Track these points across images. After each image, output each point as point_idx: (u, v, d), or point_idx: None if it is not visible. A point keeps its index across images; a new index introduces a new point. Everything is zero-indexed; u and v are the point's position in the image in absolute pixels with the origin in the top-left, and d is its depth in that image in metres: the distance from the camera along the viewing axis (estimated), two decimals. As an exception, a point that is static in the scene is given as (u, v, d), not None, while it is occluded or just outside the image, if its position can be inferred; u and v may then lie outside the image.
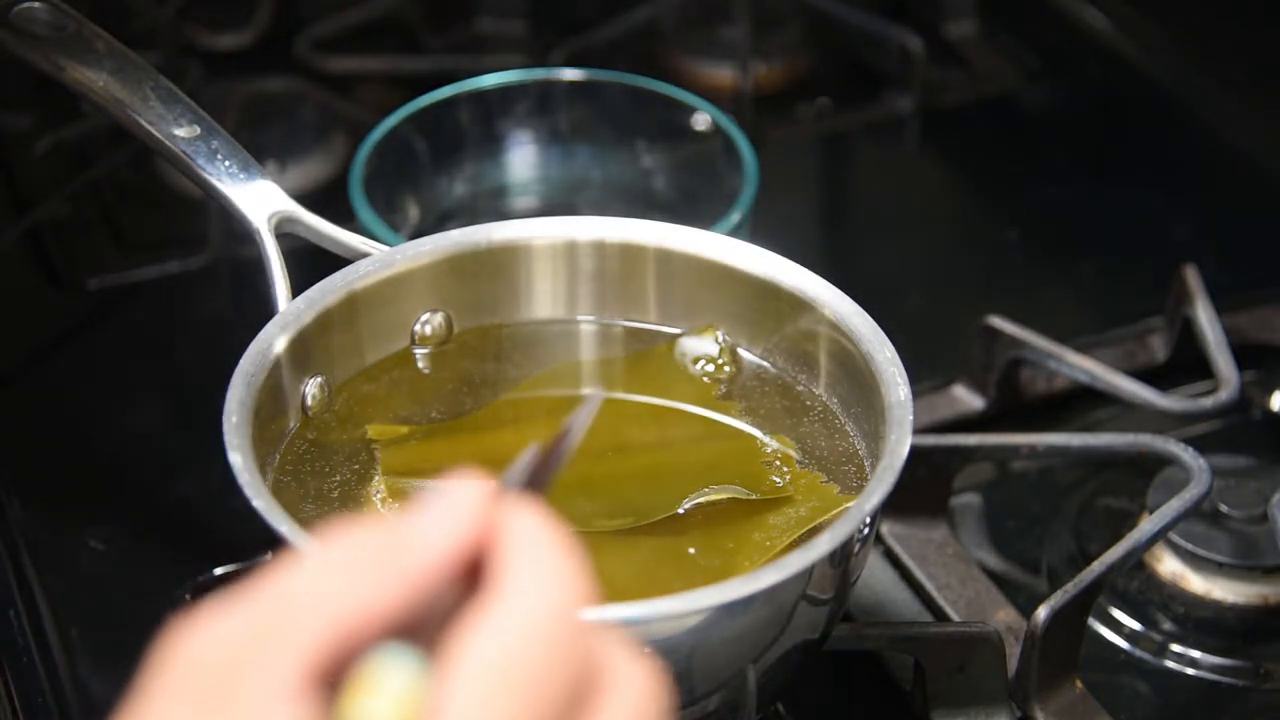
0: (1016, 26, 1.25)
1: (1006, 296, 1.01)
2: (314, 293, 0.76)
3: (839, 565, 0.69)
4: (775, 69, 1.20)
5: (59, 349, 1.01)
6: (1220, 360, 0.90)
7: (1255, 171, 1.15)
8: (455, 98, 0.99)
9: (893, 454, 0.69)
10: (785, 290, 0.78)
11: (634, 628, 0.65)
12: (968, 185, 1.17)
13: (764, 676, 0.69)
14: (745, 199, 0.92)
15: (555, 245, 0.80)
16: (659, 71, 1.10)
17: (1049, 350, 0.90)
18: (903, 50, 1.18)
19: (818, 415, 0.77)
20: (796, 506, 0.73)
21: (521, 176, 1.03)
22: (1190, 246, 1.04)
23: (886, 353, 0.74)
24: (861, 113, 1.20)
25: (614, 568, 0.71)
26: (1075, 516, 0.89)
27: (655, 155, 1.02)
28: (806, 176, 1.19)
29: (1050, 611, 0.76)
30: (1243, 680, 0.82)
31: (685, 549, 0.71)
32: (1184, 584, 0.84)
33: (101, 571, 0.85)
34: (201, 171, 0.79)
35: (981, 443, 0.86)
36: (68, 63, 0.82)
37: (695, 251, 0.80)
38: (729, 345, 0.80)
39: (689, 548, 0.71)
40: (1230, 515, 0.84)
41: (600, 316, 0.81)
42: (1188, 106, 1.19)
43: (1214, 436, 0.92)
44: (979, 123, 1.19)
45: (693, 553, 0.71)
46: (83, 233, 1.08)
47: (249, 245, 0.79)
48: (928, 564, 0.84)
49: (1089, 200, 1.12)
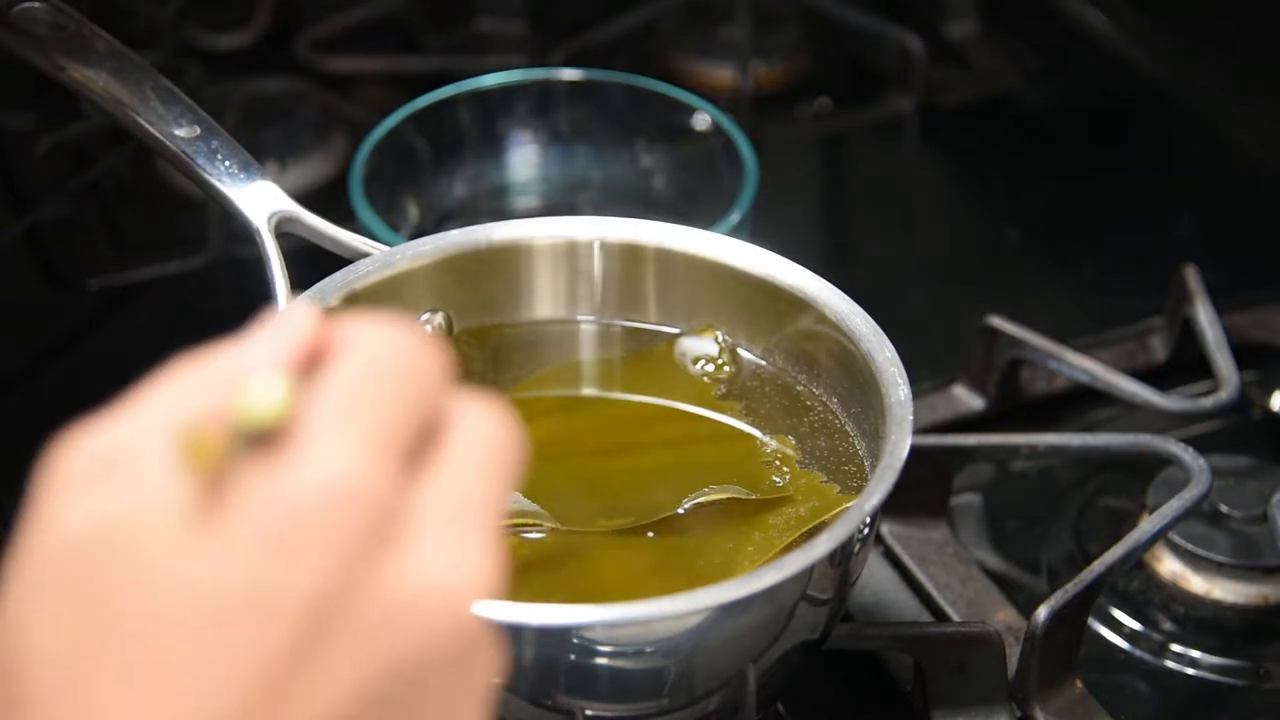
0: (1016, 26, 1.25)
1: (1006, 296, 1.01)
2: (314, 293, 0.76)
3: (839, 565, 0.69)
4: (775, 69, 1.20)
5: (59, 349, 1.01)
6: (1220, 360, 0.90)
7: (1255, 171, 1.15)
8: (455, 98, 0.99)
9: (893, 454, 0.69)
10: (785, 290, 0.78)
11: (634, 628, 0.65)
12: (968, 185, 1.17)
13: (764, 676, 0.69)
14: (745, 199, 0.92)
15: (555, 245, 0.80)
16: (659, 71, 1.10)
17: (1049, 350, 0.90)
18: (903, 50, 1.18)
19: (818, 415, 0.77)
20: (796, 506, 0.73)
21: (521, 176, 1.03)
22: (1190, 246, 1.04)
23: (886, 353, 0.74)
24: (861, 113, 1.20)
25: (614, 568, 0.71)
26: (1075, 516, 0.89)
27: (655, 155, 1.02)
28: (806, 176, 1.19)
29: (1050, 611, 0.76)
30: (1243, 680, 0.82)
31: (685, 549, 0.72)
32: (1184, 584, 0.84)
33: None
34: (201, 171, 0.79)
35: (981, 443, 0.86)
36: (68, 63, 0.82)
37: (695, 251, 0.80)
38: (729, 345, 0.80)
39: (689, 548, 0.72)
40: (1230, 515, 0.84)
41: (600, 316, 0.81)
42: (1188, 106, 1.19)
43: (1214, 436, 0.92)
44: (979, 123, 1.19)
45: (693, 553, 0.71)
46: (83, 233, 1.08)
47: (249, 245, 0.78)
48: (928, 564, 0.84)
49: (1089, 200, 1.12)
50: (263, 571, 0.40)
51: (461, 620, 0.42)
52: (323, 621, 0.40)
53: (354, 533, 0.41)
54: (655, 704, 0.68)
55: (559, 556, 0.72)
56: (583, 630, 0.65)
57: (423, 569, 0.42)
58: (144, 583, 0.40)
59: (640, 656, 0.67)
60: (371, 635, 0.41)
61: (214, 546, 0.41)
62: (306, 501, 0.41)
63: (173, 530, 0.41)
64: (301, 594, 0.40)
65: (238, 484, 0.42)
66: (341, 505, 0.41)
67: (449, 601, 0.42)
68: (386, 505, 0.42)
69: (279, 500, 0.41)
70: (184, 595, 0.40)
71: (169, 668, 0.40)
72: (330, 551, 0.41)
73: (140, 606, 0.40)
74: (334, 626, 0.41)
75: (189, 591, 0.40)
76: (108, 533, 0.41)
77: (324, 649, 0.40)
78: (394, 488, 0.42)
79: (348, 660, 0.41)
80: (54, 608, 0.41)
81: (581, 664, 0.66)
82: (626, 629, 0.65)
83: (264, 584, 0.40)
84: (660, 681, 0.67)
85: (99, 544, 0.41)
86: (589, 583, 0.71)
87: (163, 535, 0.41)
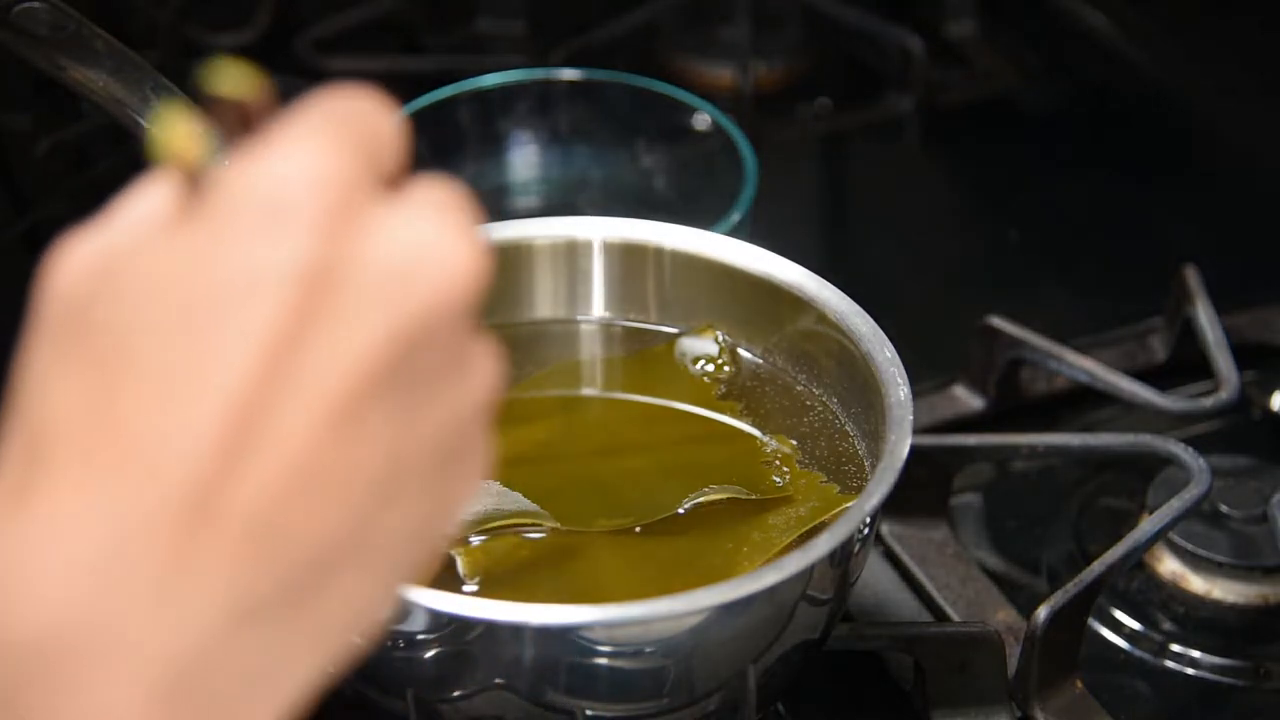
0: (1016, 26, 1.25)
1: (1006, 296, 1.01)
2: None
3: (839, 565, 0.69)
4: (775, 69, 1.20)
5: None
6: (1220, 360, 0.90)
7: (1255, 171, 1.15)
8: (455, 98, 0.99)
9: (893, 454, 0.69)
10: (785, 290, 0.78)
11: (634, 628, 0.65)
12: (968, 185, 1.17)
13: (764, 676, 0.69)
14: (745, 199, 0.91)
15: (555, 245, 0.80)
16: (659, 71, 1.10)
17: (1049, 350, 0.89)
18: (903, 50, 1.18)
19: (818, 415, 0.77)
20: (796, 506, 0.73)
21: (521, 176, 1.03)
22: (1190, 246, 1.04)
23: (886, 353, 0.74)
24: (861, 113, 1.20)
25: (614, 568, 0.71)
26: (1075, 516, 0.89)
27: (655, 155, 1.02)
28: (806, 176, 1.19)
29: (1050, 611, 0.75)
30: (1243, 680, 0.82)
31: (685, 549, 0.71)
32: (1184, 584, 0.84)
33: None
34: (201, 171, 0.79)
35: (981, 443, 0.86)
36: (68, 63, 0.82)
37: (695, 251, 0.80)
38: (729, 345, 0.80)
39: (689, 548, 0.71)
40: (1230, 515, 0.84)
41: (600, 316, 0.81)
42: (1188, 106, 1.19)
43: (1214, 436, 0.92)
44: (979, 123, 1.19)
45: (693, 553, 0.71)
46: (83, 233, 1.08)
47: (249, 245, 0.78)
48: (928, 564, 0.84)
49: (1089, 200, 1.12)
50: (250, 252, 0.41)
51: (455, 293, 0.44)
52: (317, 293, 0.41)
53: (335, 207, 0.42)
54: (655, 704, 0.68)
55: (559, 556, 0.72)
56: (583, 630, 0.65)
57: (409, 237, 0.43)
58: (140, 293, 0.42)
59: (640, 656, 0.67)
60: (367, 301, 0.42)
61: (199, 239, 0.42)
62: (283, 183, 0.42)
63: (158, 238, 0.42)
64: (291, 267, 0.41)
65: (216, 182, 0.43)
66: (319, 184, 0.42)
67: (441, 269, 0.43)
68: (363, 188, 0.43)
69: (257, 187, 0.42)
70: (178, 292, 0.41)
71: (178, 362, 0.41)
72: (314, 226, 0.42)
73: (141, 318, 0.42)
74: (329, 298, 0.42)
75: (182, 287, 0.41)
76: (100, 266, 0.42)
77: (324, 319, 0.42)
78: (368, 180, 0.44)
79: (347, 328, 0.42)
80: (63, 352, 0.42)
81: (581, 664, 0.66)
82: (626, 629, 0.65)
83: (253, 264, 0.41)
84: (660, 681, 0.67)
85: (94, 279, 0.42)
86: (589, 583, 0.71)
87: (149, 245, 0.42)
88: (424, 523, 0.45)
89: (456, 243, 0.44)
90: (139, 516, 0.41)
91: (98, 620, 0.40)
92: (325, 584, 0.43)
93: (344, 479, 0.42)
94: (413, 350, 0.43)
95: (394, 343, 0.42)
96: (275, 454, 0.41)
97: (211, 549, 0.41)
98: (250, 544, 0.41)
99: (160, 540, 0.41)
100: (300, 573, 0.42)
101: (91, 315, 0.42)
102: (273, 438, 0.41)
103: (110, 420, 0.41)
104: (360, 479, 0.42)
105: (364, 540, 0.43)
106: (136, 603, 0.40)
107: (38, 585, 0.40)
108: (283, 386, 0.41)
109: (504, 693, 0.66)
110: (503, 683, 0.66)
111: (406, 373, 0.43)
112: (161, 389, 0.41)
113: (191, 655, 0.41)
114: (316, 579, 0.42)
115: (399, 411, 0.43)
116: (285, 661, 0.43)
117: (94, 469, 0.41)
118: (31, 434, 0.42)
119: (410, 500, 0.44)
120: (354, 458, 0.42)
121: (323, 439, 0.42)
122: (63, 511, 0.41)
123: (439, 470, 0.45)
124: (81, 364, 0.42)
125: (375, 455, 0.43)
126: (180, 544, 0.41)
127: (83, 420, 0.41)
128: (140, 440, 0.41)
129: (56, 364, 0.42)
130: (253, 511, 0.41)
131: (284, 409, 0.41)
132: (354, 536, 0.43)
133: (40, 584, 0.40)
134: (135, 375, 0.41)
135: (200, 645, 0.41)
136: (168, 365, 0.41)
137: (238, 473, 0.41)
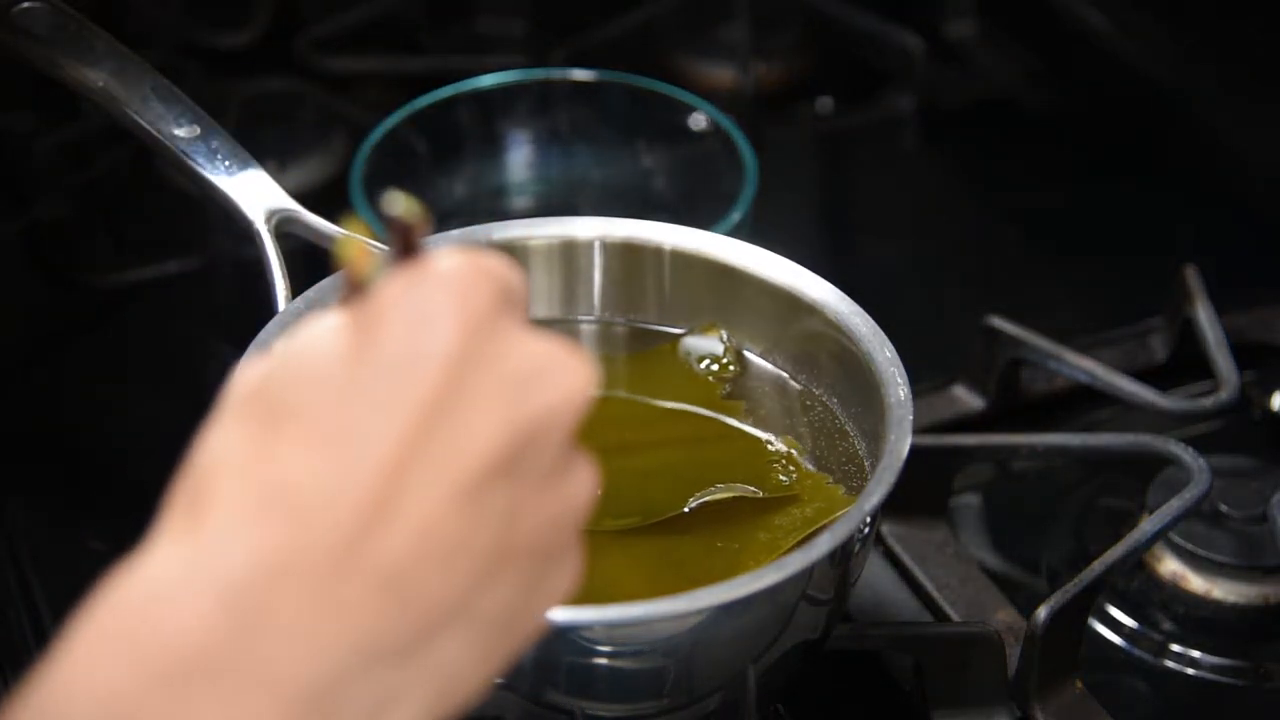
0: (1016, 26, 1.25)
1: (1006, 296, 1.01)
2: (314, 293, 0.76)
3: (839, 565, 0.69)
4: (775, 69, 1.20)
5: (59, 349, 1.01)
6: (1220, 360, 0.90)
7: (1255, 172, 1.15)
8: (455, 98, 1.00)
9: (893, 454, 0.69)
10: (785, 290, 0.78)
11: (634, 628, 0.65)
12: (968, 185, 1.17)
13: (764, 676, 0.69)
14: (745, 199, 0.92)
15: (555, 245, 0.80)
16: (659, 71, 1.10)
17: (1049, 350, 0.90)
18: (903, 50, 1.18)
19: (818, 415, 0.77)
20: (802, 507, 0.73)
21: (521, 176, 1.03)
22: (1190, 246, 1.04)
23: (886, 353, 0.74)
24: (861, 113, 1.20)
25: (620, 567, 0.71)
26: (1075, 516, 0.89)
27: (655, 155, 1.02)
28: (806, 176, 1.19)
29: (1050, 611, 0.76)
30: (1243, 680, 0.82)
31: (691, 549, 0.71)
32: (1184, 584, 0.84)
33: (101, 571, 0.85)
34: (201, 171, 0.79)
35: (981, 443, 0.86)
36: (68, 63, 0.82)
37: (695, 251, 0.80)
38: (734, 345, 0.80)
39: (694, 548, 0.71)
40: (1230, 515, 0.84)
41: (600, 316, 0.81)
42: (1188, 107, 1.19)
43: (1214, 436, 0.92)
44: (979, 123, 1.19)
45: (698, 553, 0.71)
46: (83, 233, 1.08)
47: (249, 245, 0.78)
48: (928, 564, 0.84)
49: (1089, 200, 1.12)
50: (408, 339, 0.48)
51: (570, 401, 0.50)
52: (460, 380, 0.48)
53: (478, 315, 0.48)
54: (655, 704, 0.68)
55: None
56: (583, 630, 0.65)
57: (537, 349, 0.50)
58: (309, 369, 0.48)
59: (640, 656, 0.67)
60: (499, 395, 0.48)
61: (364, 330, 0.48)
62: (439, 291, 0.48)
63: (328, 334, 0.49)
64: (443, 355, 0.48)
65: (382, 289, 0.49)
66: (466, 295, 0.49)
67: (561, 378, 0.50)
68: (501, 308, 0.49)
69: (418, 292, 0.48)
70: (344, 367, 0.48)
71: (339, 424, 0.47)
72: (462, 326, 0.48)
73: (308, 388, 0.48)
74: (469, 386, 0.48)
75: (348, 363, 0.48)
76: (279, 364, 0.49)
77: (463, 404, 0.48)
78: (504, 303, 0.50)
79: (481, 415, 0.48)
80: (234, 417, 0.48)
81: (581, 664, 0.66)
82: (626, 629, 0.65)
83: (411, 348, 0.48)
84: (660, 681, 0.67)
85: (273, 372, 0.49)
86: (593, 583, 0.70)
87: (321, 338, 0.49)
88: (518, 608, 0.50)
89: (574, 360, 0.50)
90: (289, 555, 0.46)
91: (242, 643, 0.45)
92: (434, 641, 0.48)
93: (462, 550, 0.48)
94: (530, 445, 0.49)
95: (517, 435, 0.48)
96: (414, 516, 0.47)
97: (353, 594, 0.46)
98: (386, 594, 0.47)
99: (309, 579, 0.46)
100: (420, 626, 0.48)
101: (265, 389, 0.48)
102: (413, 501, 0.47)
103: (272, 470, 0.47)
104: (475, 553, 0.48)
105: (468, 609, 0.48)
106: (282, 633, 0.46)
107: (189, 605, 0.45)
108: (425, 457, 0.47)
109: (504, 692, 0.66)
110: (503, 682, 0.66)
111: (522, 465, 0.49)
112: (323, 445, 0.47)
113: (325, 684, 0.46)
114: (429, 635, 0.48)
115: (512, 500, 0.49)
116: (398, 703, 0.48)
117: (251, 510, 0.46)
118: (198, 478, 0.48)
119: (509, 583, 0.49)
120: (472, 532, 0.48)
121: (449, 510, 0.47)
122: (218, 543, 0.46)
123: (536, 562, 0.50)
124: (249, 422, 0.48)
125: (488, 534, 0.48)
126: (327, 585, 0.46)
127: (245, 466, 0.47)
128: (299, 489, 0.46)
129: (227, 426, 0.48)
130: (390, 565, 0.47)
131: (424, 478, 0.47)
132: (460, 604, 0.48)
133: (191, 604, 0.45)
134: (298, 432, 0.47)
135: (335, 676, 0.46)
136: (330, 425, 0.47)
137: (382, 528, 0.47)
